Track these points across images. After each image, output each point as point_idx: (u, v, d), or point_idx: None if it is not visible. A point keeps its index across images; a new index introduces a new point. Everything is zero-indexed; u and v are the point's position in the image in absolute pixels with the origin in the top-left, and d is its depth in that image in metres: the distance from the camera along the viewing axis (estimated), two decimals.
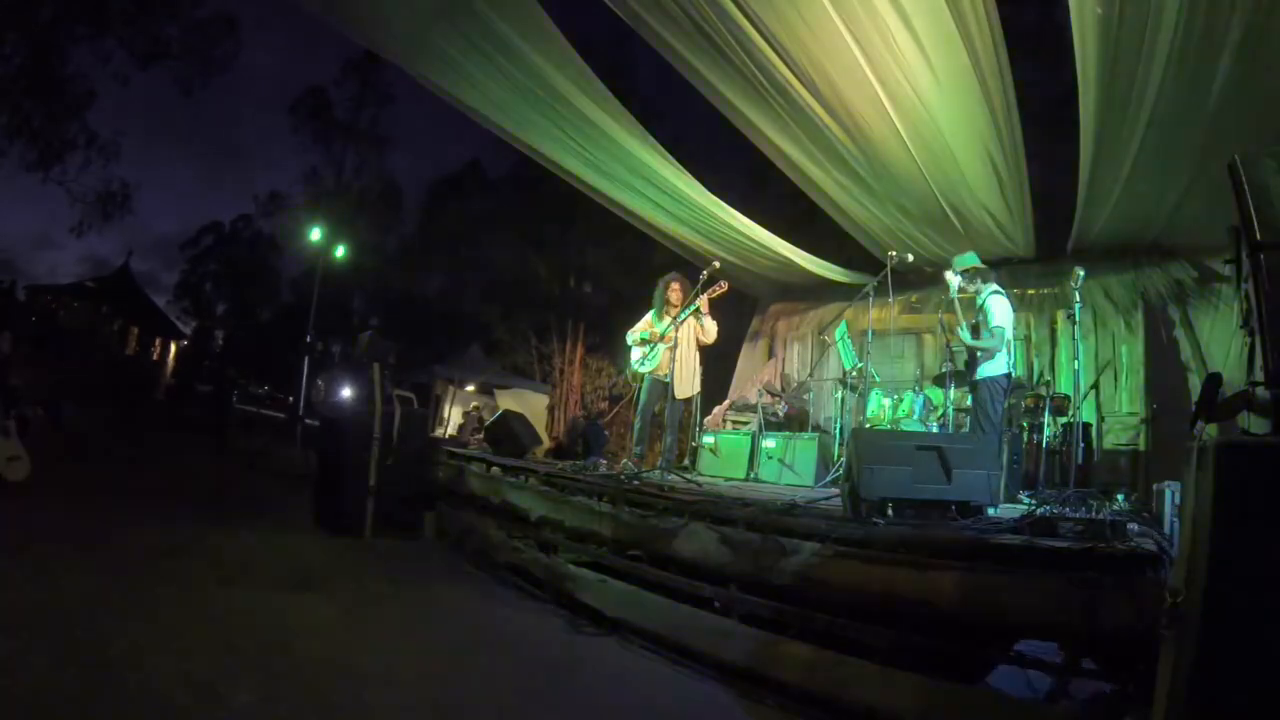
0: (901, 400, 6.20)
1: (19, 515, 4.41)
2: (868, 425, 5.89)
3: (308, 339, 12.97)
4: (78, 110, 18.02)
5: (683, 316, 5.43)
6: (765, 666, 2.82)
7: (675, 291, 5.60)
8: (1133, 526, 2.73)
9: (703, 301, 5.43)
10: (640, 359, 5.63)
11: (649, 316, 5.72)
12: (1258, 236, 1.77)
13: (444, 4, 5.10)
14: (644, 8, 4.75)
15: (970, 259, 5.02)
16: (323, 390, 6.13)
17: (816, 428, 7.13)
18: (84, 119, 18.23)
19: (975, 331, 4.78)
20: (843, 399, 6.89)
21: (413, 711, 2.41)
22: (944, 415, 5.55)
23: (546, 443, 8.96)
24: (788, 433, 6.90)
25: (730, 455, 6.88)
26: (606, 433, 7.48)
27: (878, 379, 6.47)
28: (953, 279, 4.92)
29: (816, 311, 9.32)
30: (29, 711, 2.04)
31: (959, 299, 4.90)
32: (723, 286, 5.51)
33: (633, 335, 5.74)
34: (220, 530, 4.96)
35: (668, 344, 5.46)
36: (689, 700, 2.77)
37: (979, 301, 4.86)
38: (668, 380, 5.47)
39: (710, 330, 5.54)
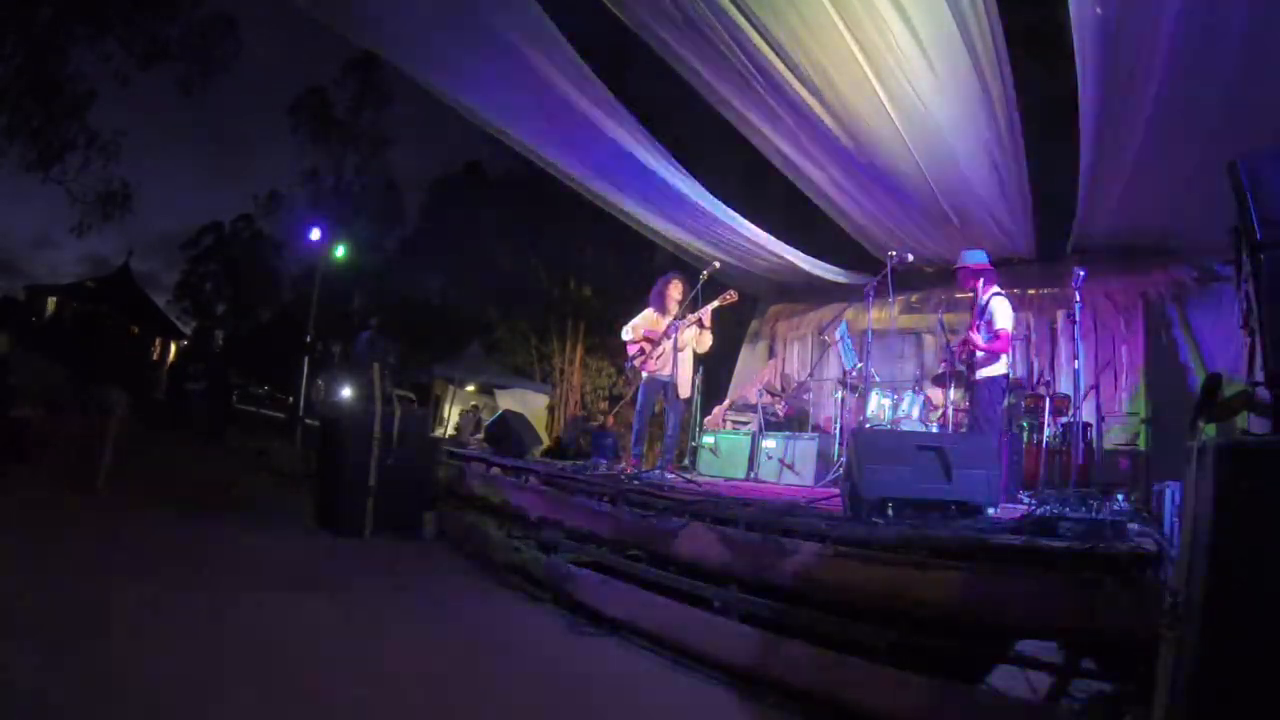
0: (901, 400, 6.20)
1: (16, 514, 4.40)
2: (868, 425, 5.90)
3: (308, 339, 12.92)
4: (78, 110, 18.06)
5: (685, 321, 5.40)
6: (765, 666, 2.82)
7: (676, 288, 5.57)
8: (1133, 526, 2.73)
9: (707, 314, 5.40)
10: (640, 356, 5.57)
11: (648, 313, 5.67)
12: (1258, 236, 1.77)
13: (445, 5, 5.10)
14: (643, 8, 4.75)
15: (978, 256, 5.03)
16: (323, 390, 6.14)
17: (816, 428, 7.13)
18: (84, 119, 18.28)
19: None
20: (842, 399, 6.90)
21: (412, 712, 2.41)
22: (944, 415, 5.56)
23: (546, 443, 8.95)
24: (788, 433, 6.90)
25: (730, 455, 6.89)
26: (610, 440, 7.46)
27: (878, 379, 6.47)
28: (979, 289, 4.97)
29: (816, 312, 9.33)
30: (27, 712, 2.03)
31: (959, 299, 4.92)
32: (732, 296, 5.49)
33: (629, 330, 5.66)
34: (219, 530, 4.95)
35: (669, 341, 5.41)
36: (689, 700, 2.77)
37: (983, 302, 4.87)
38: (668, 380, 5.44)
39: (706, 343, 5.52)
